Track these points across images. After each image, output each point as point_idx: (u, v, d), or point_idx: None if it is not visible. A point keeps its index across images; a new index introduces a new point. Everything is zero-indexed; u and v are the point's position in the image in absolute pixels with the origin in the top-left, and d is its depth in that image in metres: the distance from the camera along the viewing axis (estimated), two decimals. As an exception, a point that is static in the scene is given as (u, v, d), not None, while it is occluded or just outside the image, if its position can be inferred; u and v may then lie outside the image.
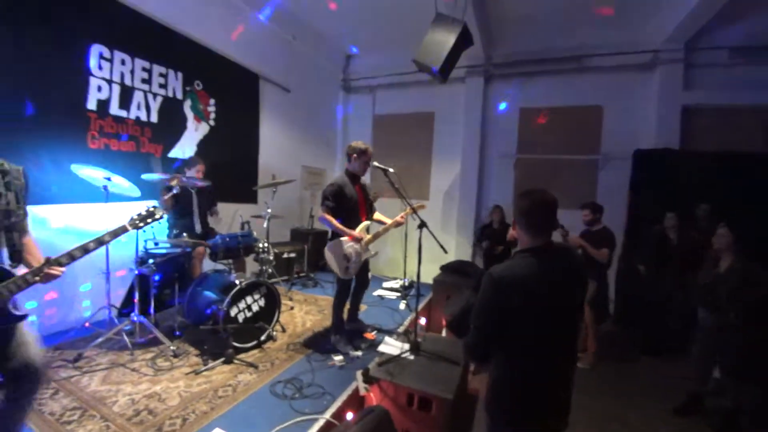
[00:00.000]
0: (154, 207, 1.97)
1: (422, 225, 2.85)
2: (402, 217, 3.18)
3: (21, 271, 1.47)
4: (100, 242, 1.61)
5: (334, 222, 2.94)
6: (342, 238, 3.00)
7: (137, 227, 1.90)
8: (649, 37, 4.61)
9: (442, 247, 2.89)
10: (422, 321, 3.93)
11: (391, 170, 2.96)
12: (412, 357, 2.75)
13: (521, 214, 1.43)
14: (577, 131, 5.21)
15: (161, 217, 2.01)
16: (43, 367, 1.58)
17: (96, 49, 3.18)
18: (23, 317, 1.49)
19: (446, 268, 4.74)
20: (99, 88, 3.23)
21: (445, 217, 6.06)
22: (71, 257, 1.51)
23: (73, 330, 2.98)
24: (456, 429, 2.39)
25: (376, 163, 3.02)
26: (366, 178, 3.31)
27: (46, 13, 2.85)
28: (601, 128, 5.10)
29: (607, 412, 2.94)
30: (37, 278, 1.43)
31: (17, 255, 1.52)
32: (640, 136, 4.77)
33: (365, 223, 3.14)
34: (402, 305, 4.33)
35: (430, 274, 4.54)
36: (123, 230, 1.77)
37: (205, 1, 4.15)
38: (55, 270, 1.46)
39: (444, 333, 3.77)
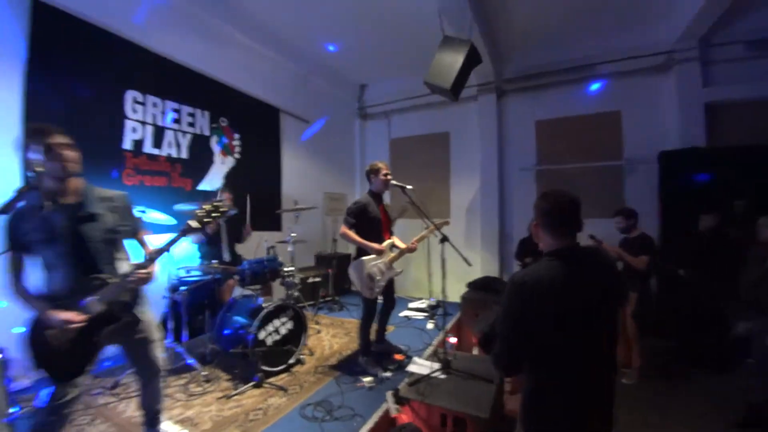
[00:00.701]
0: (221, 200, 1.99)
1: (444, 239, 2.84)
2: (414, 243, 3.18)
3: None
4: (172, 242, 1.80)
5: (354, 236, 2.98)
6: (364, 258, 3.02)
7: (204, 223, 1.85)
8: (661, 37, 4.56)
9: (465, 260, 2.85)
10: (452, 340, 3.82)
11: (408, 187, 3.00)
12: (443, 376, 2.67)
13: (543, 214, 1.38)
14: (597, 138, 5.11)
15: (227, 212, 1.99)
16: (161, 362, 1.99)
17: (130, 95, 3.46)
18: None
19: (473, 285, 4.64)
20: (134, 130, 3.49)
21: (469, 233, 5.99)
22: (151, 259, 1.73)
23: (110, 359, 3.08)
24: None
25: (394, 182, 3.07)
26: (386, 199, 3.35)
27: (89, 65, 3.15)
28: (621, 133, 4.98)
29: (655, 430, 2.72)
30: (130, 282, 1.67)
31: (125, 260, 1.82)
32: (664, 137, 4.63)
33: (389, 241, 3.15)
34: (430, 325, 4.24)
35: (457, 292, 4.46)
36: (189, 228, 1.83)
37: (226, 45, 4.48)
38: (141, 273, 1.69)
39: (475, 351, 3.64)
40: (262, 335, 2.83)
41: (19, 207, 1.51)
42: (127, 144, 3.44)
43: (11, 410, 2.13)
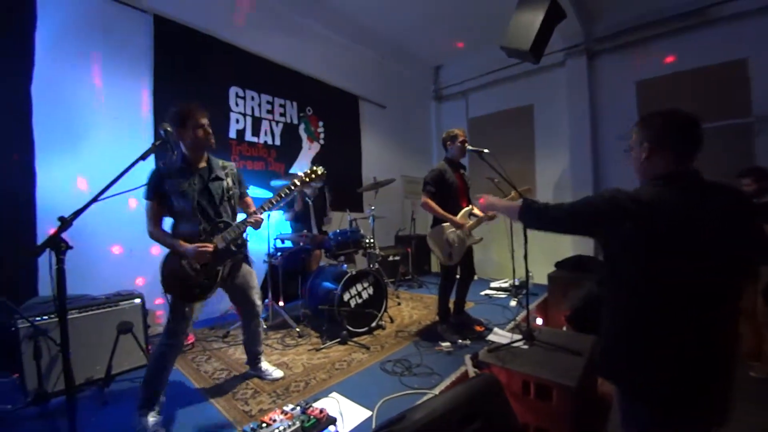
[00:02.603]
0: (318, 166, 2.28)
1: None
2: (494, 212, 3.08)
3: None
4: (280, 197, 2.17)
5: (435, 207, 2.99)
6: (444, 224, 3.03)
7: (306, 184, 2.23)
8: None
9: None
10: (539, 321, 3.62)
11: (485, 151, 2.89)
12: (525, 347, 2.56)
13: (677, 128, 1.12)
14: (716, 94, 4.28)
15: (323, 174, 2.27)
16: (258, 307, 2.32)
17: (233, 90, 3.99)
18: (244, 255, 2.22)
19: (563, 265, 4.32)
20: (237, 121, 4.01)
21: (557, 213, 5.55)
22: (262, 208, 2.13)
23: (223, 315, 3.62)
24: (583, 425, 2.11)
25: (470, 147, 3.01)
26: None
27: (200, 66, 3.70)
28: (750, 85, 4.08)
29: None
30: (245, 225, 2.09)
31: (235, 215, 2.21)
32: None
33: (467, 209, 3.10)
34: (513, 302, 4.07)
35: (543, 274, 4.20)
36: (289, 189, 2.18)
37: (309, 39, 4.85)
38: (256, 217, 2.10)
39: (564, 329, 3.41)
40: (346, 297, 3.06)
41: (161, 167, 1.96)
42: (232, 133, 3.97)
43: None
